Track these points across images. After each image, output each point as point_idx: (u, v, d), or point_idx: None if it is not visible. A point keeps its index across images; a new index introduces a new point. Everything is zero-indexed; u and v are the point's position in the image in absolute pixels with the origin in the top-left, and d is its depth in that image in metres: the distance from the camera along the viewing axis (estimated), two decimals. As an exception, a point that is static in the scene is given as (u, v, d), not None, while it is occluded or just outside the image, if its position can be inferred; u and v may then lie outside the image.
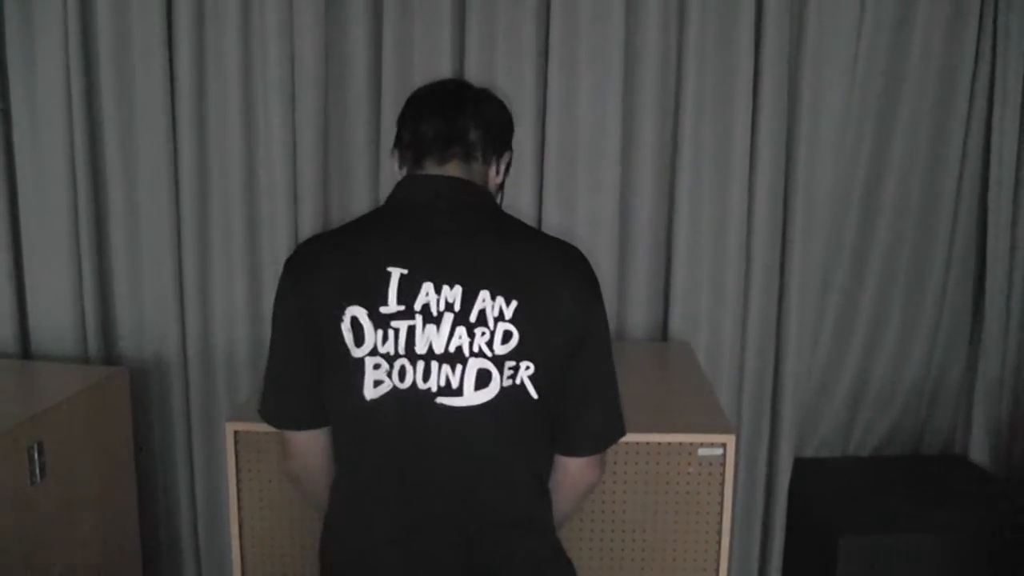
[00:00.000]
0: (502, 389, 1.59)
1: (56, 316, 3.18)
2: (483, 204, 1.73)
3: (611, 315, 3.05)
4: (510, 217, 1.74)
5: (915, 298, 3.29)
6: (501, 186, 1.84)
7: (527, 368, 1.60)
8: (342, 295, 1.62)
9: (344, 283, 1.63)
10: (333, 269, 1.65)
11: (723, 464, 2.22)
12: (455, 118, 1.72)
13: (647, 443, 2.22)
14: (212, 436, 3.26)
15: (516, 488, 1.68)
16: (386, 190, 1.76)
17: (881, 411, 3.40)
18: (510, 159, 1.84)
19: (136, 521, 2.98)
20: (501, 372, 1.59)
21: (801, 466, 3.30)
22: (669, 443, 2.22)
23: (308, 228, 3.08)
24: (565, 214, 3.12)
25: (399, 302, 1.59)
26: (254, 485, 2.28)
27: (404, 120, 1.76)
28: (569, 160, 3.09)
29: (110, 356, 3.25)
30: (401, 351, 1.59)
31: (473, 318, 1.59)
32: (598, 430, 1.75)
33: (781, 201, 3.14)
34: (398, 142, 1.77)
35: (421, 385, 1.59)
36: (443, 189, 1.70)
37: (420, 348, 1.59)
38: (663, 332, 3.23)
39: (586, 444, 1.74)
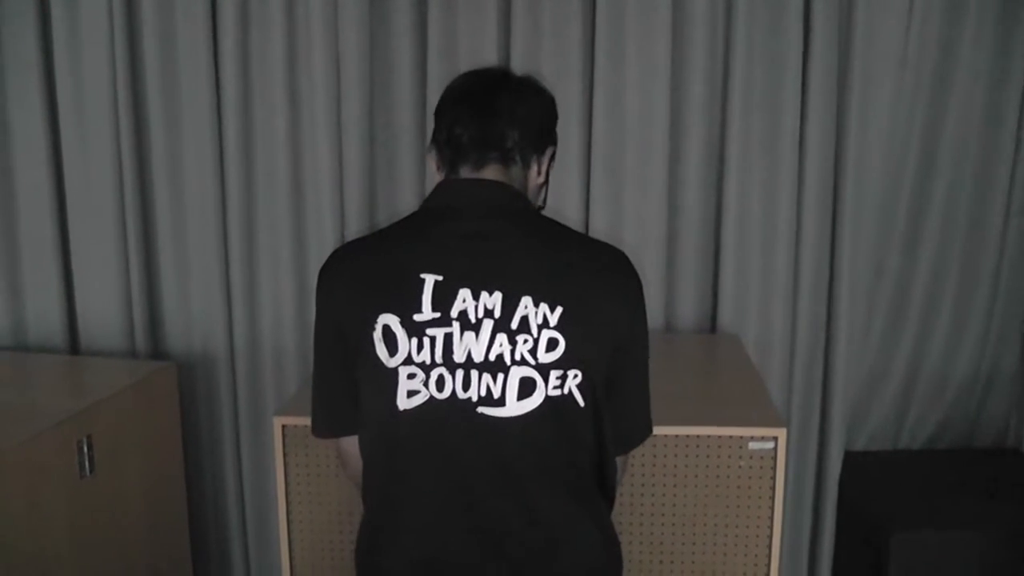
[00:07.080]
0: (547, 398, 1.55)
1: (104, 312, 3.21)
2: (521, 209, 1.68)
3: (659, 307, 3.09)
4: (550, 221, 1.70)
5: (967, 289, 3.23)
6: (544, 184, 1.79)
7: (575, 376, 1.56)
8: (373, 303, 1.58)
9: (375, 291, 1.59)
10: (364, 277, 1.61)
11: (774, 457, 2.20)
12: (492, 122, 1.67)
13: (697, 436, 2.20)
14: (260, 430, 3.28)
15: (565, 496, 1.63)
16: (431, 189, 1.74)
17: (933, 404, 3.34)
18: (554, 152, 1.78)
19: (185, 515, 3.00)
20: (547, 381, 1.55)
21: (851, 460, 3.26)
22: (719, 436, 2.20)
23: (354, 221, 3.09)
24: (613, 208, 3.10)
25: (434, 309, 1.55)
26: (302, 479, 2.29)
27: (441, 116, 1.73)
28: (616, 154, 3.06)
29: (158, 351, 3.27)
30: (438, 359, 1.55)
31: (515, 325, 1.55)
32: (627, 433, 1.74)
33: (831, 193, 3.10)
34: (435, 140, 1.73)
35: (461, 395, 1.55)
36: (479, 194, 1.66)
37: (458, 356, 1.55)
38: (712, 325, 3.20)
39: (615, 446, 1.71)
